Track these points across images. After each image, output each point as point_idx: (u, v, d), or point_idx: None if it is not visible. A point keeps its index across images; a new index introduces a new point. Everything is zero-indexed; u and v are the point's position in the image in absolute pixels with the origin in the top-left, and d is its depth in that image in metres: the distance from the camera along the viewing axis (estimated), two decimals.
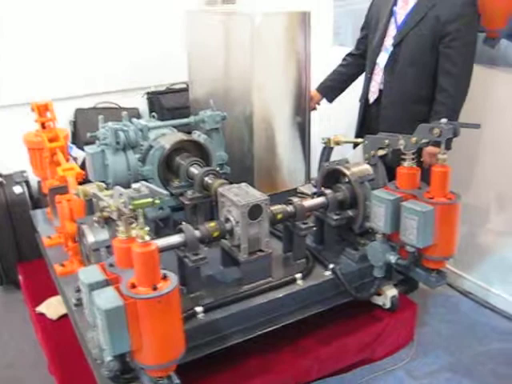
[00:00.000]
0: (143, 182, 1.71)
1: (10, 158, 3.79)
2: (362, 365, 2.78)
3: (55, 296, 2.99)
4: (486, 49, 2.97)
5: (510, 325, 3.14)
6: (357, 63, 3.33)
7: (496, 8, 2.89)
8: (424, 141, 2.36)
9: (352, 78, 3.39)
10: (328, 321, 2.70)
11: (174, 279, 1.74)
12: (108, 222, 2.02)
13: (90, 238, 2.17)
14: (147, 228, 1.67)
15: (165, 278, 1.74)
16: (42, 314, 2.94)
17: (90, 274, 1.83)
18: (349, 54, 3.40)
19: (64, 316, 2.87)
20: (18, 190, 3.55)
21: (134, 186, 1.67)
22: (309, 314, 2.54)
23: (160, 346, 1.74)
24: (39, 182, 3.76)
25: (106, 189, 2.29)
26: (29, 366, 2.96)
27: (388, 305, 2.80)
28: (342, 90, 3.42)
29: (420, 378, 2.73)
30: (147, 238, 1.67)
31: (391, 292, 2.80)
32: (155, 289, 1.69)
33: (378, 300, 2.83)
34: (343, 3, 3.94)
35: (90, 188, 2.23)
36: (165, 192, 1.82)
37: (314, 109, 3.38)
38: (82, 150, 3.71)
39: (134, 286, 1.71)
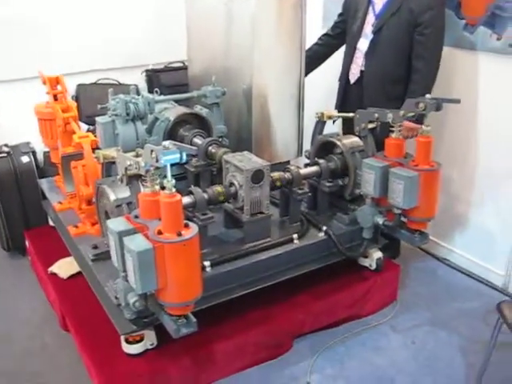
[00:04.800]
0: (170, 141, 1.92)
1: (15, 130, 3.93)
2: (351, 320, 3.05)
3: (65, 258, 3.20)
4: (466, 34, 3.24)
5: (481, 286, 3.46)
6: (331, 43, 3.65)
7: None
8: (410, 114, 2.62)
9: (325, 57, 3.70)
10: (320, 279, 2.97)
11: (195, 228, 1.98)
12: (130, 179, 2.23)
13: (112, 196, 2.38)
14: (173, 181, 1.90)
15: (187, 226, 1.98)
16: (53, 274, 3.15)
17: (119, 223, 2.05)
18: (325, 35, 3.70)
19: (74, 276, 3.09)
20: (25, 159, 3.70)
21: (164, 143, 1.89)
22: (304, 271, 2.80)
23: (182, 285, 1.98)
24: (45, 153, 3.93)
25: None
26: (43, 323, 3.15)
27: (374, 266, 3.08)
28: (316, 66, 3.69)
29: (402, 331, 3.02)
30: (173, 189, 1.90)
31: (377, 254, 3.08)
32: (179, 235, 1.92)
33: (365, 262, 3.11)
34: None
35: (110, 152, 2.44)
36: (194, 147, 2.03)
37: None
38: (85, 123, 3.91)
39: (160, 233, 1.94)
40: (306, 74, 3.62)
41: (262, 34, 3.18)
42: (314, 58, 3.65)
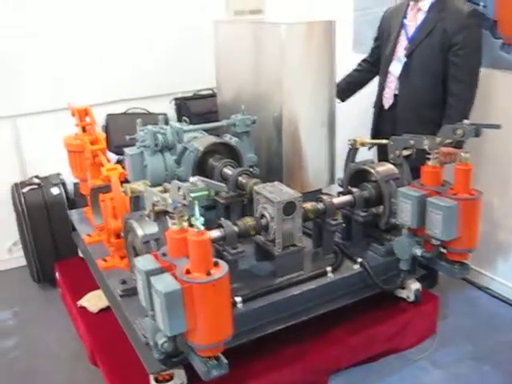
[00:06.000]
0: (198, 177, 1.86)
1: (46, 161, 3.95)
2: (388, 354, 2.92)
3: (95, 291, 3.15)
4: (503, 54, 3.13)
5: None
6: (370, 69, 3.59)
7: None
8: (448, 141, 2.52)
9: (364, 83, 3.65)
10: (356, 312, 2.85)
11: (225, 266, 1.90)
12: (158, 216, 2.17)
13: (140, 231, 2.33)
14: (202, 218, 1.83)
15: (216, 264, 1.90)
16: (83, 308, 3.10)
17: (146, 262, 1.99)
18: (364, 60, 3.65)
19: (103, 310, 3.04)
20: (55, 191, 3.71)
21: (192, 179, 1.83)
22: (339, 305, 2.69)
23: (212, 326, 1.89)
24: (75, 184, 3.92)
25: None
26: (71, 358, 3.11)
27: (412, 298, 2.95)
28: (354, 92, 3.67)
29: (444, 366, 2.87)
30: (202, 227, 1.83)
31: (415, 285, 2.95)
32: (209, 274, 1.84)
33: (402, 293, 2.98)
34: (363, 12, 4.11)
35: (137, 186, 2.39)
36: (222, 185, 1.97)
37: None
38: (114, 153, 3.90)
39: (188, 272, 1.87)
40: (344, 100, 3.58)
41: (292, 60, 3.14)
42: (353, 84, 3.63)
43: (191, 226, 1.87)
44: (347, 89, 3.61)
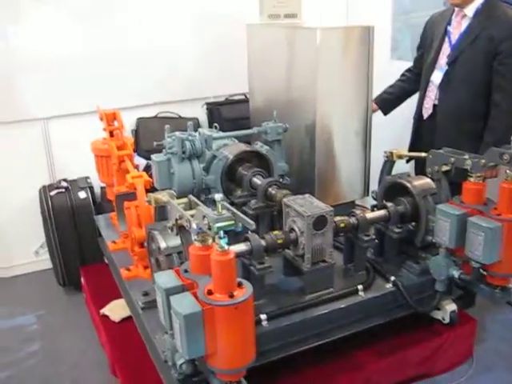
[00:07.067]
0: (226, 204, 1.76)
1: (75, 164, 3.92)
2: (420, 379, 2.77)
3: (118, 299, 3.08)
4: None
5: None
6: (414, 80, 3.39)
7: None
8: (491, 164, 2.36)
9: (409, 94, 3.45)
10: (387, 333, 2.70)
11: (249, 287, 1.79)
12: (181, 229, 2.08)
13: (162, 243, 2.24)
14: (226, 239, 1.72)
15: (240, 285, 1.79)
16: (105, 316, 3.04)
17: (167, 278, 1.90)
18: (408, 70, 3.47)
19: (126, 319, 2.96)
20: (82, 195, 3.67)
21: (217, 197, 1.71)
22: (369, 325, 2.56)
23: (234, 351, 1.79)
24: (102, 188, 3.87)
25: (175, 197, 2.38)
26: (92, 367, 3.05)
27: (447, 320, 2.79)
28: (398, 104, 3.48)
29: None
30: (226, 246, 1.72)
31: (451, 307, 2.78)
32: (231, 296, 1.73)
33: (437, 314, 2.81)
34: (402, 18, 3.97)
35: (162, 196, 2.30)
36: (251, 222, 1.85)
37: None
38: (144, 158, 3.83)
39: (210, 293, 1.77)
40: (387, 113, 3.43)
41: (327, 66, 3.02)
42: (397, 95, 3.46)
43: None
44: (390, 100, 3.45)
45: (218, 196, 1.73)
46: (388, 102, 3.44)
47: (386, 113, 3.47)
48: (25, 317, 3.59)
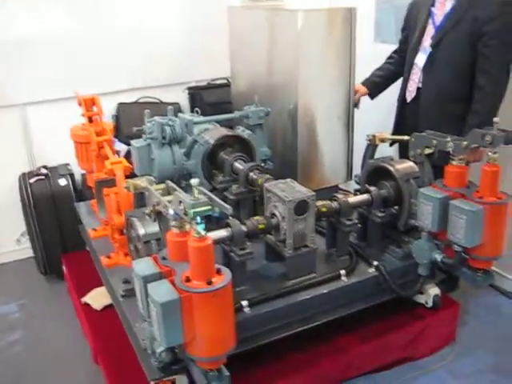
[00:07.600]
0: (202, 189, 1.72)
1: (55, 151, 3.85)
2: (403, 363, 2.77)
3: (99, 287, 3.04)
4: None
5: None
6: (401, 62, 3.32)
7: None
8: (474, 145, 2.33)
9: (397, 76, 3.38)
10: (369, 317, 2.70)
11: (228, 274, 1.76)
12: (159, 215, 2.04)
13: (141, 230, 2.20)
14: (203, 225, 1.69)
15: (219, 272, 1.77)
16: (87, 305, 3.00)
17: (145, 266, 1.87)
18: (395, 52, 3.40)
19: (108, 306, 2.93)
20: (62, 182, 3.62)
21: (193, 181, 1.67)
22: (352, 310, 2.55)
23: (213, 339, 1.76)
24: (83, 175, 3.82)
25: (155, 182, 2.34)
26: (75, 355, 3.03)
27: (430, 303, 2.79)
28: (386, 87, 3.43)
29: (463, 378, 2.71)
30: (203, 232, 1.69)
31: (434, 291, 2.78)
32: (210, 283, 1.71)
33: (420, 298, 2.81)
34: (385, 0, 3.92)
35: (141, 182, 2.26)
36: (228, 206, 1.81)
37: (356, 105, 3.35)
38: (125, 143, 3.78)
39: (188, 280, 1.74)
40: (376, 95, 3.38)
41: (309, 49, 2.97)
42: (386, 77, 3.40)
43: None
44: (379, 83, 3.38)
45: (194, 181, 1.69)
46: (377, 84, 3.38)
47: (373, 97, 3.42)
48: (7, 306, 3.55)
